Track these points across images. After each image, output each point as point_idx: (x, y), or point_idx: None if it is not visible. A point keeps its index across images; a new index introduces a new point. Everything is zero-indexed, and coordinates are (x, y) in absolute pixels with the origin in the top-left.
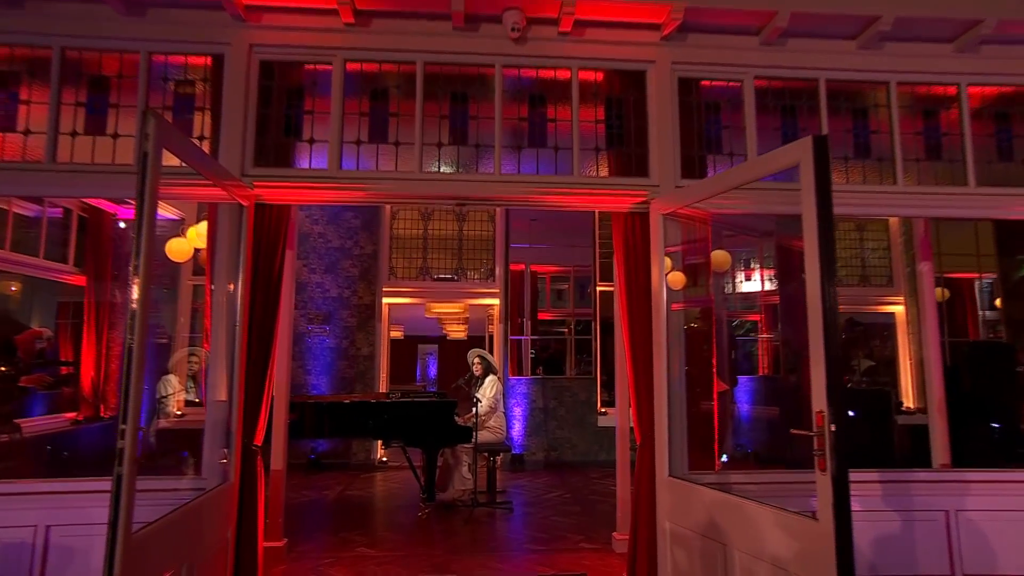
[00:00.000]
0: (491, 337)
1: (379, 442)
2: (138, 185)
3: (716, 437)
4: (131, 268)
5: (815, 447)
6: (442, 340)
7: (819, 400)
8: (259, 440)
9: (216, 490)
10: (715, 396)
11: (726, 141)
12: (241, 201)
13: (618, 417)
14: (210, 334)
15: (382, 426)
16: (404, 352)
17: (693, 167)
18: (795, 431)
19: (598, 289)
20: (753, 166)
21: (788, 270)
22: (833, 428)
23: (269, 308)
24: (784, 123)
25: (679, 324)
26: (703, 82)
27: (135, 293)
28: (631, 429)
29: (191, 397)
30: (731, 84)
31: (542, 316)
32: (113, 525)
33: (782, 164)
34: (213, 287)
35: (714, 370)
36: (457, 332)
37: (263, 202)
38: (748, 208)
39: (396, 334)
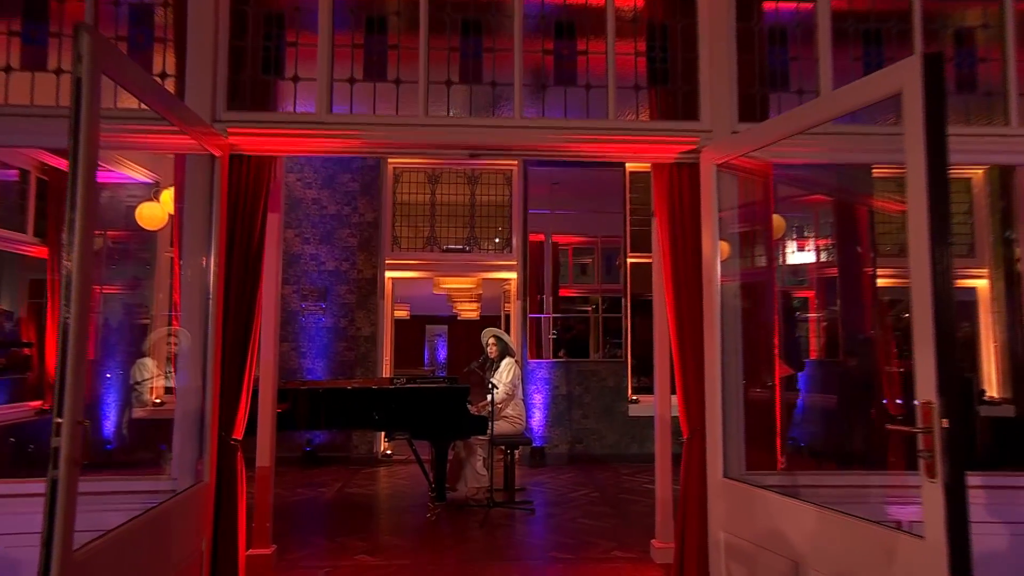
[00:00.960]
0: (507, 317)
1: (382, 434)
2: (71, 120)
3: (779, 430)
4: (66, 223)
5: (920, 447)
6: (452, 320)
7: (926, 389)
8: (239, 433)
9: (187, 492)
10: (777, 382)
11: (794, 76)
12: (212, 151)
13: (657, 405)
14: (180, 311)
15: (385, 416)
16: (410, 333)
17: (753, 108)
18: (892, 426)
19: (628, 261)
20: (837, 99)
21: (851, 236)
22: (946, 424)
23: (249, 279)
24: (867, 53)
25: (735, 298)
26: (765, 3)
27: (71, 255)
28: (673, 420)
29: (171, 383)
30: (801, 5)
31: (564, 292)
32: (47, 542)
33: (878, 93)
34: (183, 255)
35: (776, 351)
36: (469, 311)
37: (239, 152)
38: (821, 157)
39: (401, 313)
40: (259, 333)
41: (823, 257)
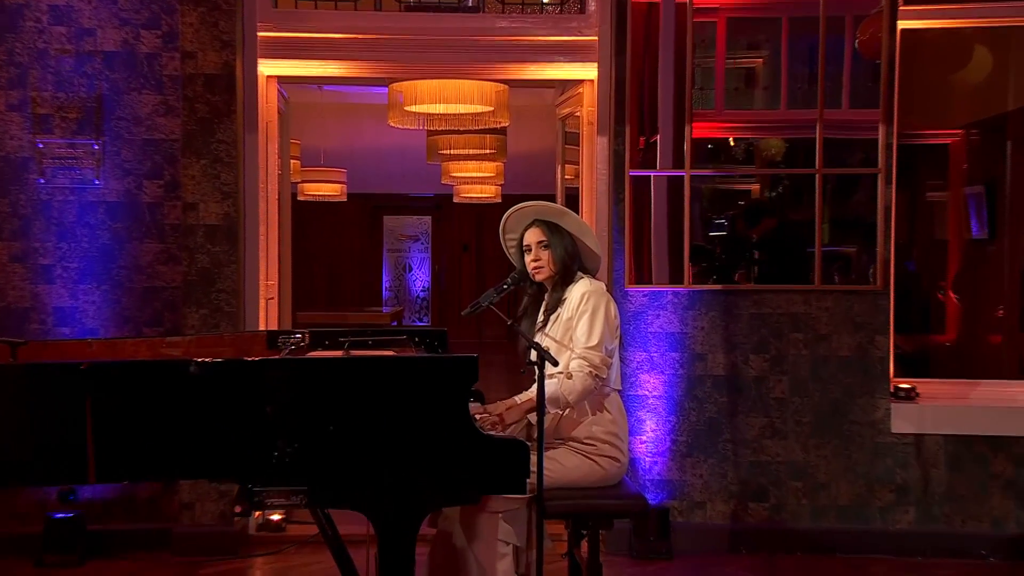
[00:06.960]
0: (570, 196)
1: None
2: None
3: None
4: None
5: None
6: (441, 204)
7: None
8: None
9: None
10: None
11: None
12: None
13: None
14: None
15: (246, 443)
16: (347, 234)
17: None
18: None
19: (900, 27)
20: None
21: None
22: None
23: None
24: None
25: None
26: None
27: None
28: None
29: None
30: None
31: (703, 130)
32: None
33: None
34: None
35: None
36: (479, 184)
37: None
38: None
39: (324, 189)
40: None
41: None
